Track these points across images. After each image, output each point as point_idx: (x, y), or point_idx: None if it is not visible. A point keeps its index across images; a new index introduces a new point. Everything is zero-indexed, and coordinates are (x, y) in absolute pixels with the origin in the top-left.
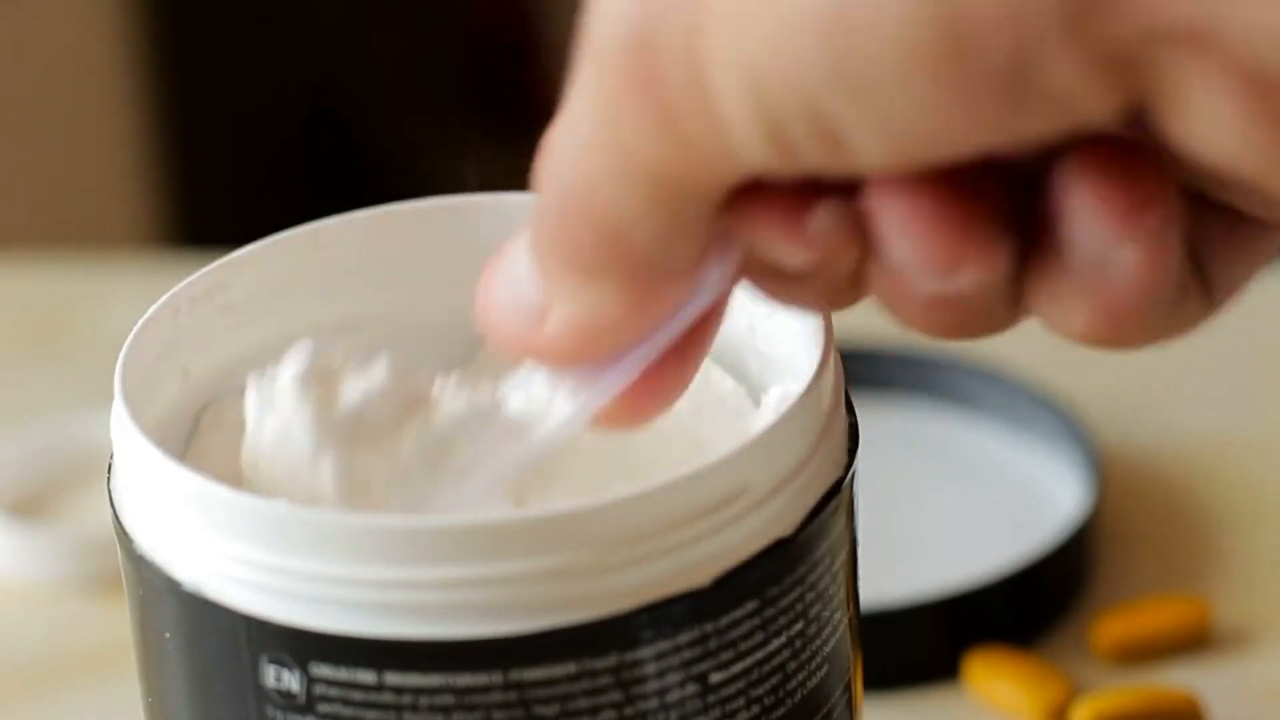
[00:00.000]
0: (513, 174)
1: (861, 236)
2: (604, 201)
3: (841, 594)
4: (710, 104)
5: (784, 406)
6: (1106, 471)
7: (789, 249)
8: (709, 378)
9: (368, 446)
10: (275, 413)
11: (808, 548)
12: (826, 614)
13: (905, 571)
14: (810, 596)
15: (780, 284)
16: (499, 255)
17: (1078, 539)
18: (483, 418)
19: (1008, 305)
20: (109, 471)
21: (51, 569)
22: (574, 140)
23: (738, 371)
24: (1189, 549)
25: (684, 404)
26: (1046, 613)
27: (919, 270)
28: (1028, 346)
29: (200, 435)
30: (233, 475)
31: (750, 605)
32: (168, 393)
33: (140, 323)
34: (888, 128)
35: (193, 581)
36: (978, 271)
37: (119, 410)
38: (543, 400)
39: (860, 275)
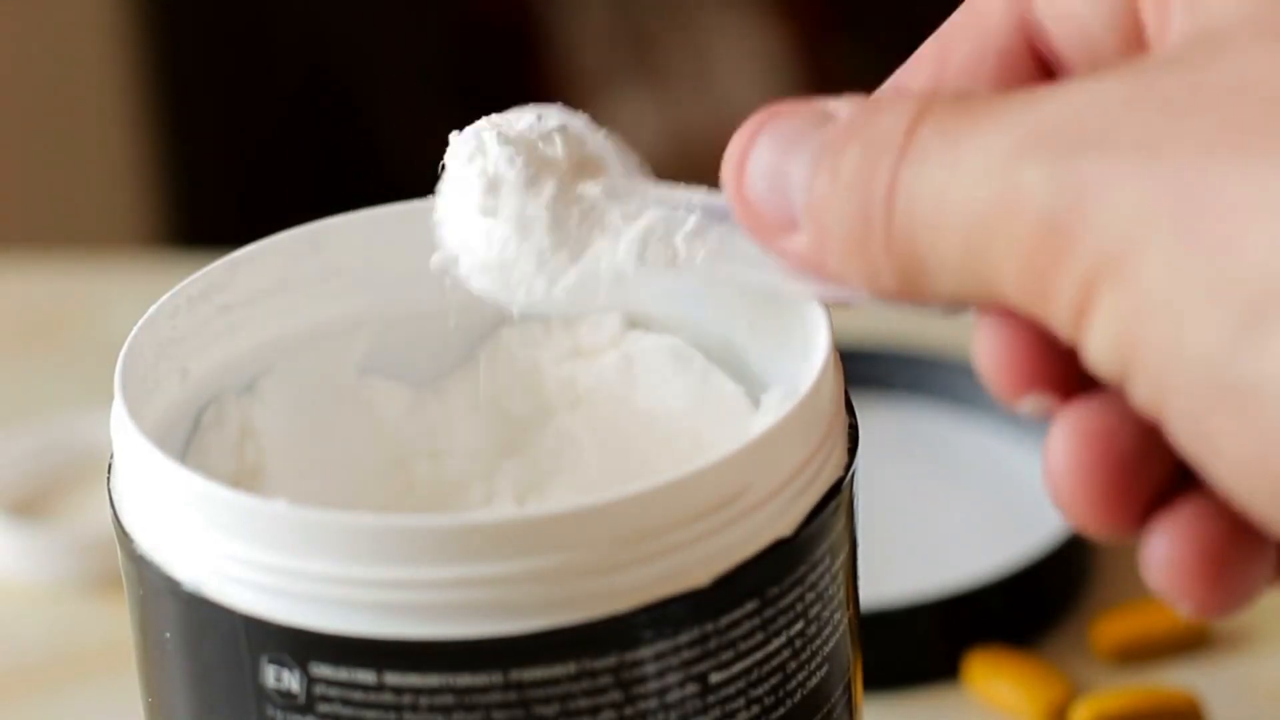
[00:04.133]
0: None
1: None
2: (934, 251)
3: (841, 594)
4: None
5: (784, 407)
6: None
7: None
8: (709, 378)
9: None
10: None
11: (808, 548)
12: (826, 614)
13: (905, 571)
14: (810, 596)
15: None
16: (776, 124)
17: (1078, 539)
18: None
19: None
20: (109, 471)
21: (51, 569)
22: (962, 182)
23: (738, 372)
24: None
25: (684, 404)
26: (1046, 613)
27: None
28: None
29: (200, 435)
30: (233, 475)
31: (750, 605)
32: (168, 393)
33: (140, 323)
34: None
35: (193, 581)
36: None
37: (119, 410)
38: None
39: None
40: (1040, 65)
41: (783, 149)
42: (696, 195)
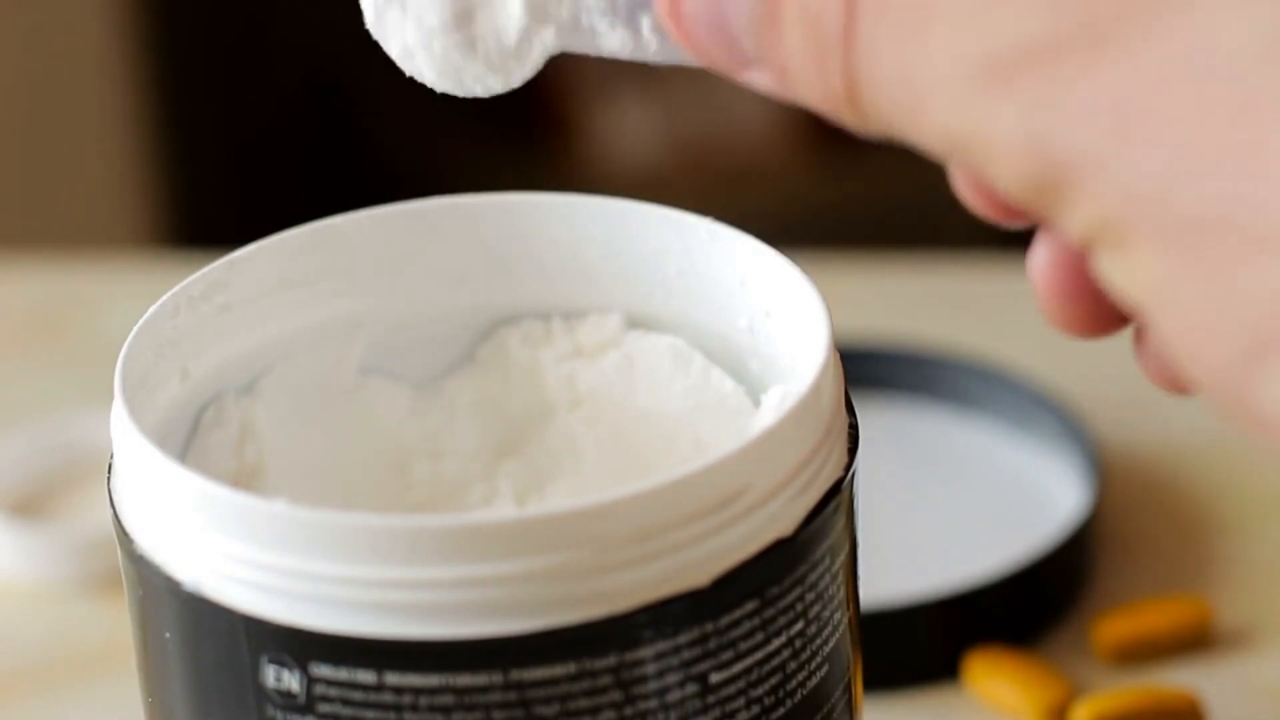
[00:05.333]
0: (513, 172)
1: None
2: (908, 129)
3: (841, 594)
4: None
5: (784, 407)
6: (1106, 471)
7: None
8: (709, 378)
9: None
10: None
11: (808, 548)
12: (826, 614)
13: (905, 571)
14: (810, 596)
15: None
16: None
17: (1078, 539)
18: None
19: None
20: (109, 471)
21: (51, 569)
22: (926, 103)
23: (738, 371)
24: (1189, 549)
25: (684, 404)
26: (1046, 613)
27: None
28: (1028, 346)
29: (200, 435)
30: (233, 475)
31: (750, 605)
32: (168, 393)
33: (140, 323)
34: None
35: (192, 581)
36: None
37: (119, 410)
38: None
39: None
40: None
41: None
42: None
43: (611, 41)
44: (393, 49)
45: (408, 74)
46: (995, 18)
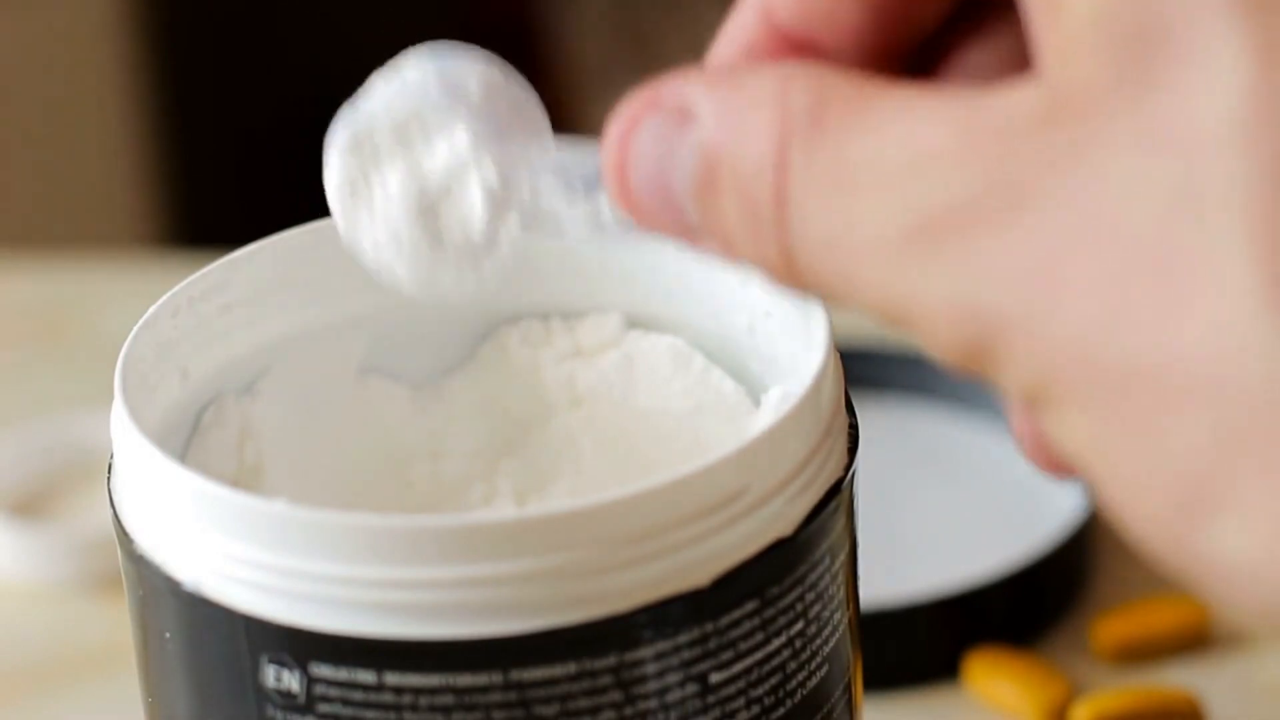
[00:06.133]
0: None
1: None
2: (845, 291)
3: (841, 594)
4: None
5: (784, 407)
6: None
7: None
8: (709, 378)
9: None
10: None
11: (808, 548)
12: (826, 614)
13: (905, 571)
14: (810, 596)
15: None
16: (639, 135)
17: (1078, 539)
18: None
19: None
20: (109, 471)
21: (51, 569)
22: (858, 261)
23: (738, 371)
24: None
25: (684, 404)
26: (1046, 613)
27: None
28: None
29: (200, 435)
30: (233, 475)
31: (750, 605)
32: (168, 393)
33: (140, 323)
34: None
35: (192, 581)
36: None
37: (119, 410)
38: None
39: None
40: None
41: (656, 164)
42: (588, 158)
43: (574, 220)
44: (365, 252)
45: (381, 279)
46: (916, 182)
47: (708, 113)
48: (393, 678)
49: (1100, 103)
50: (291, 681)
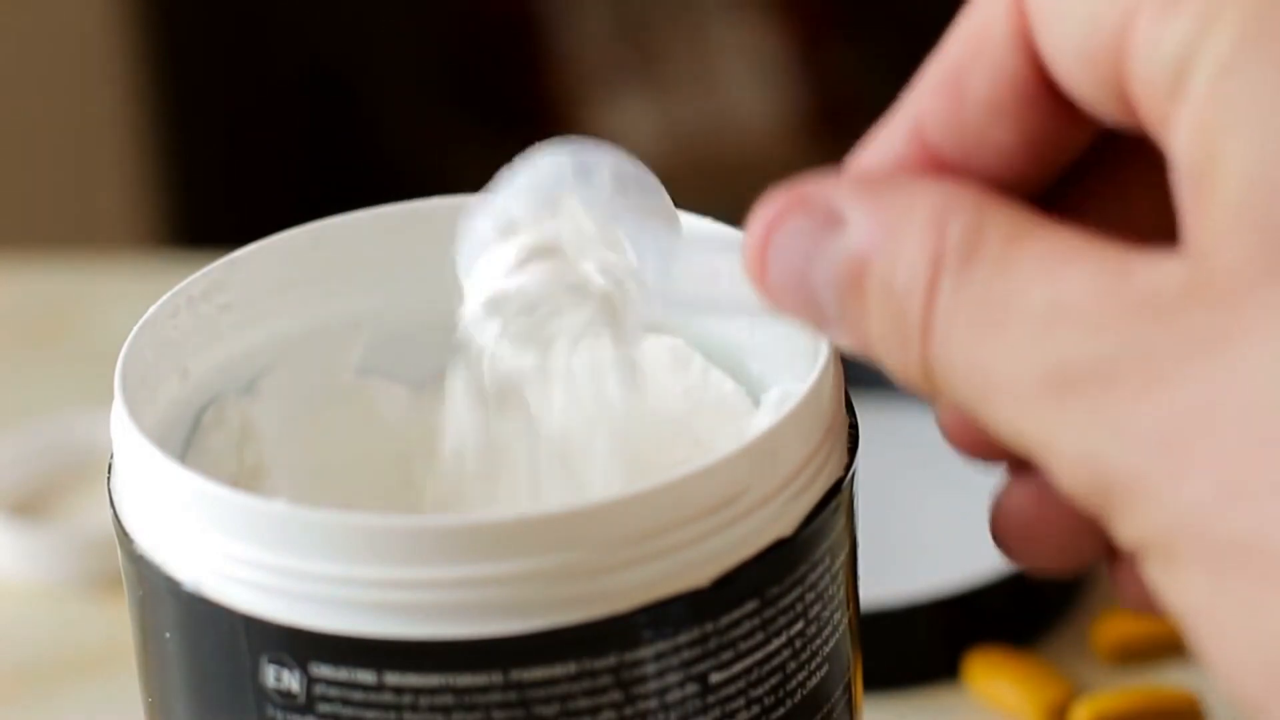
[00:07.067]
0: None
1: None
2: (982, 410)
3: (841, 594)
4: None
5: (784, 407)
6: None
7: None
8: (709, 378)
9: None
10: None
11: (808, 548)
12: (826, 614)
13: (905, 571)
14: (810, 596)
15: None
16: (785, 229)
17: None
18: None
19: None
20: (109, 471)
21: (51, 569)
22: (996, 397)
23: (738, 372)
24: None
25: (684, 404)
26: (1046, 613)
27: None
28: None
29: (200, 435)
30: (233, 475)
31: (750, 605)
32: (168, 393)
33: (140, 323)
34: None
35: (192, 581)
36: None
37: (119, 410)
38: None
39: None
40: (1053, 95)
41: (801, 258)
42: (723, 238)
43: (699, 301)
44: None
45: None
46: (1059, 333)
47: (859, 220)
48: (393, 678)
49: (1246, 291)
50: (291, 681)
